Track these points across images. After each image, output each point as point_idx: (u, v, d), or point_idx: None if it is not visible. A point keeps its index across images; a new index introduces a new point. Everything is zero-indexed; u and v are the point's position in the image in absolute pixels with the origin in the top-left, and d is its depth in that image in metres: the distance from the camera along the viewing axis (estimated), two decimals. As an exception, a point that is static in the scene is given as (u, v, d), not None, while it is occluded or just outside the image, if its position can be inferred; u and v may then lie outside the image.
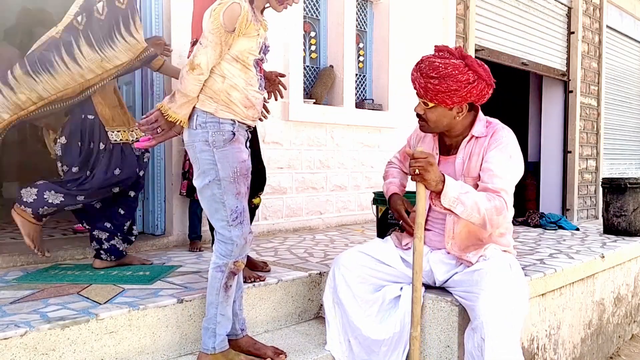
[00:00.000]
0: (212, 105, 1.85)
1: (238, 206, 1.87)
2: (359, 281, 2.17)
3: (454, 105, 2.04)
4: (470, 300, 1.97)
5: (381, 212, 2.97)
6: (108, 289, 2.22)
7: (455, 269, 2.13)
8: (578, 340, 2.96)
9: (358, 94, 4.79)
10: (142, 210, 3.33)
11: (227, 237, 1.86)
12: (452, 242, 2.13)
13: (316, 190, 4.24)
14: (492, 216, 1.92)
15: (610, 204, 3.93)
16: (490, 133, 2.09)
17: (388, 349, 2.13)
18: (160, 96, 3.22)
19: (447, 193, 1.88)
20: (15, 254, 2.71)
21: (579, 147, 7.10)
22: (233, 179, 1.85)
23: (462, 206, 1.89)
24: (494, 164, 2.00)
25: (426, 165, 1.86)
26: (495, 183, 1.96)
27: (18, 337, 1.69)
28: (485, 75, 2.03)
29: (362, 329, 2.13)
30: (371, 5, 4.86)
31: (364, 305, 2.16)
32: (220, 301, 1.90)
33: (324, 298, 2.26)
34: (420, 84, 2.05)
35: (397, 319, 2.12)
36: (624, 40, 8.32)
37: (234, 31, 1.80)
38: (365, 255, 2.22)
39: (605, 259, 3.15)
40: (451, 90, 2.00)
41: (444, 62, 2.01)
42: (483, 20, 5.72)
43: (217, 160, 1.84)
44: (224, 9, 1.78)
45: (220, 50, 1.82)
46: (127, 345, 1.93)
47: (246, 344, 2.04)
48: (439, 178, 1.88)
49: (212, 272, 1.90)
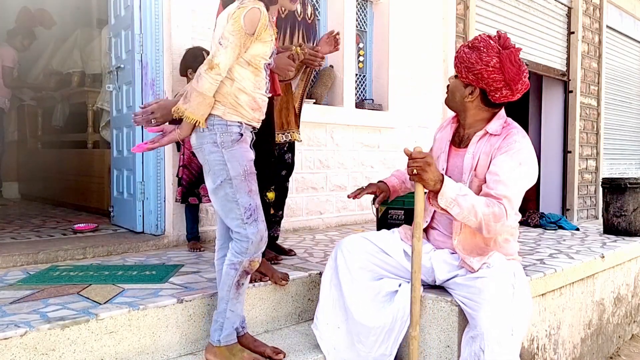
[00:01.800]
0: (220, 108, 1.88)
1: (251, 203, 1.90)
2: (359, 266, 2.18)
3: (467, 82, 2.06)
4: (472, 308, 1.95)
5: (381, 212, 2.98)
6: (108, 289, 2.22)
7: (457, 271, 2.11)
8: (578, 340, 2.96)
9: (358, 94, 4.79)
10: (142, 210, 3.33)
11: (243, 235, 1.89)
12: (459, 238, 2.10)
13: (316, 190, 4.24)
14: (490, 222, 1.90)
15: (610, 204, 3.93)
16: (504, 134, 2.06)
17: (376, 340, 2.11)
18: (160, 96, 3.22)
19: (444, 193, 1.87)
20: (15, 254, 2.71)
21: (579, 147, 7.10)
22: (244, 177, 1.89)
23: (459, 208, 1.88)
24: (501, 170, 1.97)
25: (424, 165, 1.85)
26: (499, 190, 1.93)
27: (18, 337, 1.69)
28: (510, 74, 1.99)
29: (354, 313, 2.12)
30: (371, 5, 4.86)
31: (361, 290, 2.15)
32: (230, 297, 1.94)
33: (323, 277, 2.26)
34: (458, 50, 2.11)
35: (390, 313, 2.11)
36: (624, 40, 8.33)
37: (253, 34, 1.83)
38: (369, 242, 2.22)
39: (605, 259, 3.15)
40: (470, 63, 2.02)
41: (483, 39, 2.05)
42: (483, 20, 5.72)
43: (227, 160, 1.87)
44: (244, 13, 1.81)
45: (238, 52, 1.85)
46: (127, 345, 1.93)
47: (245, 342, 2.06)
48: (438, 178, 1.87)
49: (227, 268, 1.93)
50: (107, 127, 4.34)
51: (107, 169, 4.07)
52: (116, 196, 3.68)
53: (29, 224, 3.85)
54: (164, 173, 3.26)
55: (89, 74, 5.14)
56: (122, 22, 3.49)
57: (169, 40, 3.23)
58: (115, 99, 3.66)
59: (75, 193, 4.82)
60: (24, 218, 4.23)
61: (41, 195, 5.63)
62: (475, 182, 2.05)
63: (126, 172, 3.50)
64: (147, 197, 3.30)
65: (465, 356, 1.91)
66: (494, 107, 2.10)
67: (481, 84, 2.03)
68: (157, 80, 3.24)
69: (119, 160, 3.62)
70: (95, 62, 5.05)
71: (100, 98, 4.53)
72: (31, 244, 3.01)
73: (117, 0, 3.58)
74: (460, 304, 2.06)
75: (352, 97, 4.51)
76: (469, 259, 2.06)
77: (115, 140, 3.69)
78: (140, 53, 3.26)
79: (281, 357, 2.05)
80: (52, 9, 5.58)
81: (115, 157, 3.71)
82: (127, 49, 3.44)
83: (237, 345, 1.99)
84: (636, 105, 8.76)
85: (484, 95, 2.06)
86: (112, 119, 3.78)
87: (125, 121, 3.48)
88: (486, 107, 2.10)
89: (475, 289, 1.96)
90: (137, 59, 3.27)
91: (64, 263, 2.78)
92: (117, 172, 3.65)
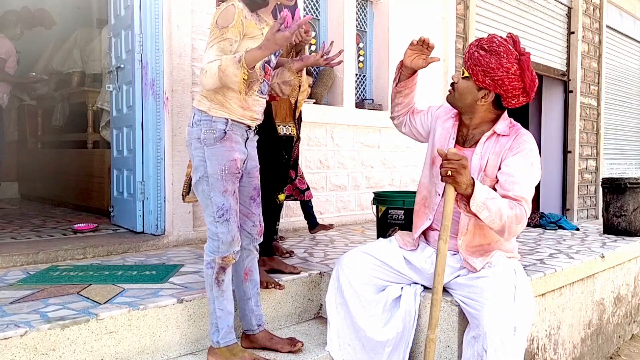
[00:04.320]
0: (205, 104, 1.91)
1: (225, 204, 1.90)
2: (363, 281, 2.16)
3: (482, 86, 2.01)
4: (473, 307, 1.94)
5: (381, 212, 2.97)
6: (108, 289, 2.22)
7: (458, 272, 2.11)
8: (578, 340, 2.96)
9: (358, 94, 4.79)
10: (142, 210, 3.33)
11: (214, 233, 1.92)
12: (464, 238, 2.09)
13: (316, 190, 4.24)
14: (512, 224, 1.89)
15: (610, 204, 3.93)
16: (513, 135, 2.04)
17: (392, 350, 2.12)
18: (160, 96, 3.22)
19: (475, 197, 1.83)
20: (15, 254, 2.71)
21: (579, 147, 7.10)
22: (221, 176, 1.89)
23: (488, 212, 1.85)
24: (516, 170, 1.95)
25: (459, 167, 1.80)
26: (516, 190, 1.92)
27: (18, 337, 1.69)
28: (528, 81, 1.98)
29: (367, 330, 2.12)
30: (371, 5, 4.86)
31: (368, 305, 2.15)
32: (215, 296, 1.95)
33: (327, 299, 2.25)
34: (470, 51, 2.04)
35: (400, 319, 2.12)
36: (624, 40, 8.33)
37: (227, 27, 1.84)
38: (368, 255, 2.21)
39: (605, 259, 3.14)
40: (490, 67, 1.96)
41: (501, 42, 1.99)
42: (483, 20, 5.72)
43: (207, 158, 1.89)
44: (219, 12, 1.86)
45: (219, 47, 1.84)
46: (127, 345, 1.93)
47: (263, 339, 2.11)
48: (470, 181, 1.83)
49: (204, 269, 1.96)
50: (107, 127, 4.34)
51: (107, 169, 4.07)
52: (116, 196, 3.68)
53: (29, 224, 3.85)
54: (164, 173, 3.26)
55: (89, 74, 5.14)
56: (122, 22, 3.49)
57: (169, 40, 3.23)
58: (115, 99, 3.66)
59: (75, 193, 4.82)
60: (24, 218, 4.23)
61: (41, 195, 5.63)
62: (487, 181, 2.03)
63: (126, 172, 3.50)
64: (147, 197, 3.30)
65: (468, 356, 1.91)
66: (502, 110, 2.09)
67: (499, 90, 1.99)
68: (157, 80, 3.23)
69: (119, 160, 3.62)
70: (95, 62, 5.04)
71: (100, 98, 4.53)
72: (31, 244, 3.01)
73: (117, 0, 3.57)
74: (460, 303, 2.06)
75: (352, 97, 4.51)
76: (472, 259, 2.05)
77: (115, 140, 3.69)
78: (140, 53, 3.25)
79: (299, 346, 2.12)
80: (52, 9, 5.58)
81: (115, 157, 3.71)
82: (127, 49, 3.44)
83: (238, 345, 2.00)
84: (636, 105, 8.76)
85: (497, 99, 2.04)
86: (112, 119, 3.78)
87: (125, 121, 3.48)
88: (495, 110, 2.08)
89: (477, 288, 1.96)
90: (137, 59, 3.27)
91: (64, 263, 2.78)
92: (117, 172, 3.65)
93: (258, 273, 2.15)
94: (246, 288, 2.09)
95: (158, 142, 3.24)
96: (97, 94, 4.67)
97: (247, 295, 2.09)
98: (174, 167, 3.27)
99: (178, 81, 3.26)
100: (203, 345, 2.12)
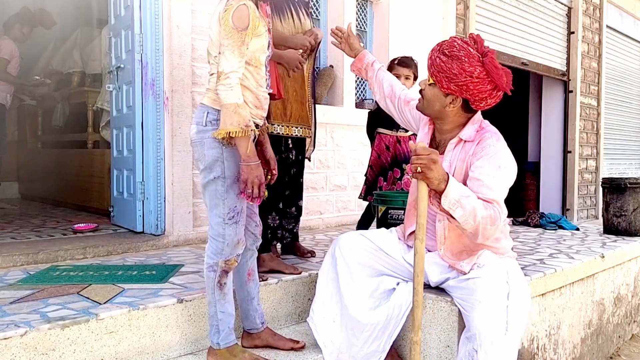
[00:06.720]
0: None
1: (237, 206, 1.90)
2: (358, 261, 2.16)
3: (448, 92, 1.97)
4: (465, 309, 1.94)
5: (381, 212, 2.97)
6: (108, 289, 2.22)
7: (448, 273, 2.10)
8: (578, 340, 2.96)
9: (358, 94, 4.79)
10: (142, 210, 3.33)
11: (220, 234, 1.90)
12: (444, 247, 2.07)
13: (316, 190, 4.24)
14: (487, 226, 1.84)
15: (610, 204, 3.93)
16: (477, 140, 2.00)
17: (369, 336, 2.10)
18: (160, 96, 3.22)
19: (448, 194, 1.77)
20: (15, 254, 2.71)
21: (579, 147, 7.10)
22: (237, 178, 1.88)
23: (462, 210, 1.78)
24: (482, 175, 1.90)
25: (429, 162, 1.74)
26: (486, 194, 1.87)
27: (18, 337, 1.69)
28: (497, 78, 1.91)
29: (350, 308, 2.11)
30: (371, 5, 4.86)
31: (358, 285, 2.14)
32: (217, 299, 1.94)
33: (320, 272, 2.26)
34: (432, 57, 2.00)
35: (386, 311, 2.10)
36: (624, 40, 8.33)
37: (246, 29, 1.81)
38: (366, 239, 2.21)
39: (605, 258, 3.14)
40: (452, 73, 1.92)
41: (462, 46, 1.94)
42: (483, 20, 5.72)
43: (225, 158, 1.88)
44: (232, 13, 1.81)
45: (240, 52, 1.82)
46: (127, 345, 1.93)
47: (266, 337, 2.13)
48: (442, 177, 1.77)
49: (206, 271, 1.95)
50: (107, 127, 4.34)
51: (107, 169, 4.08)
52: (116, 196, 3.68)
53: (29, 224, 3.85)
54: (164, 173, 3.26)
55: (89, 74, 5.14)
56: (122, 22, 3.49)
57: (169, 40, 3.23)
58: (115, 99, 3.66)
59: (75, 193, 4.82)
60: (24, 218, 4.23)
61: (41, 195, 5.63)
62: None
63: (126, 172, 3.50)
64: (147, 197, 3.30)
65: (461, 356, 1.91)
66: (473, 112, 2.05)
67: (465, 95, 1.95)
68: (157, 80, 3.23)
69: (119, 160, 3.62)
70: (95, 62, 5.05)
71: (100, 98, 4.53)
72: (31, 244, 3.01)
73: (117, 0, 3.58)
74: (457, 304, 2.06)
75: (352, 97, 4.51)
76: (459, 263, 2.03)
77: (115, 140, 3.69)
78: (140, 53, 3.25)
79: (302, 344, 2.14)
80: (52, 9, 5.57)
81: (115, 157, 3.71)
82: (127, 49, 3.44)
83: (238, 346, 2.00)
84: (636, 105, 8.76)
85: (466, 103, 1.99)
86: (112, 118, 3.78)
87: (125, 121, 3.48)
88: (466, 114, 2.04)
89: (468, 289, 1.95)
90: (137, 59, 3.27)
91: (64, 263, 2.78)
92: (117, 172, 3.65)
93: (257, 273, 2.16)
94: (249, 288, 2.10)
95: (158, 142, 3.24)
96: (97, 94, 4.67)
97: (251, 295, 2.10)
98: (174, 167, 3.27)
99: (178, 81, 3.26)
100: (203, 345, 2.12)
